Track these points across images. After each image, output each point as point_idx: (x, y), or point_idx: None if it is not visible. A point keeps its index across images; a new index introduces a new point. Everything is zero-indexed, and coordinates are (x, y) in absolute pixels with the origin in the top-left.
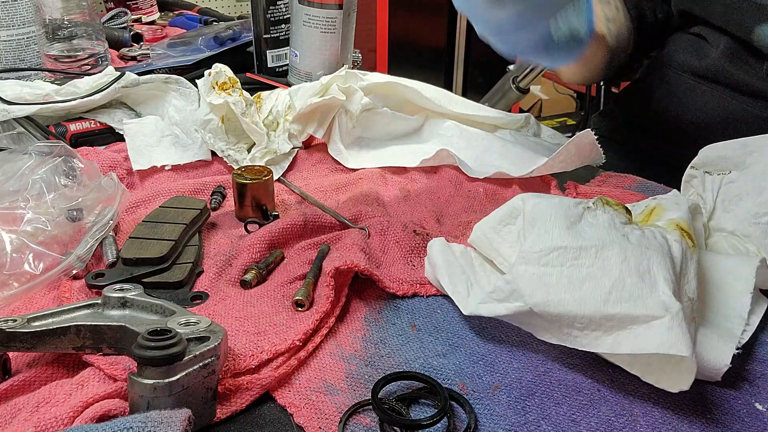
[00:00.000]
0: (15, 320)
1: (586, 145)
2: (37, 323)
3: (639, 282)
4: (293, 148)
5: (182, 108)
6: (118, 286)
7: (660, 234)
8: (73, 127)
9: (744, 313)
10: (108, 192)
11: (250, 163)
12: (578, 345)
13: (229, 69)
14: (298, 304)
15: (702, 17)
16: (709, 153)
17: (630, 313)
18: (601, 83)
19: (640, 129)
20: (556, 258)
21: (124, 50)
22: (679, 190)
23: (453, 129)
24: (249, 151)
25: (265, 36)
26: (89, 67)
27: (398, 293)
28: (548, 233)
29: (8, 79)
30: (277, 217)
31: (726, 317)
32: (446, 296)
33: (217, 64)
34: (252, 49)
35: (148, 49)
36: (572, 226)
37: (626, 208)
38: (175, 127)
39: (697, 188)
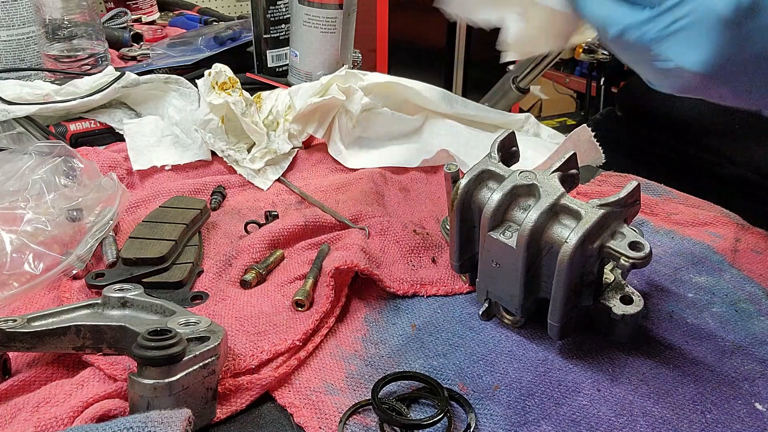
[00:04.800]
0: (15, 320)
1: (584, 142)
2: (37, 323)
3: None
4: (293, 148)
5: (182, 108)
6: (118, 286)
7: None
8: (73, 127)
9: None
10: (108, 192)
11: (250, 164)
12: None
13: (229, 69)
14: (298, 304)
15: None
16: None
17: None
18: (602, 82)
19: (640, 128)
20: None
21: (124, 50)
22: (679, 189)
23: (453, 129)
24: (249, 151)
25: (265, 36)
26: (89, 67)
27: (398, 293)
28: None
29: (8, 79)
30: (276, 217)
31: None
32: (446, 296)
33: (217, 64)
34: (252, 49)
35: (148, 49)
36: None
37: None
38: (175, 127)
39: None
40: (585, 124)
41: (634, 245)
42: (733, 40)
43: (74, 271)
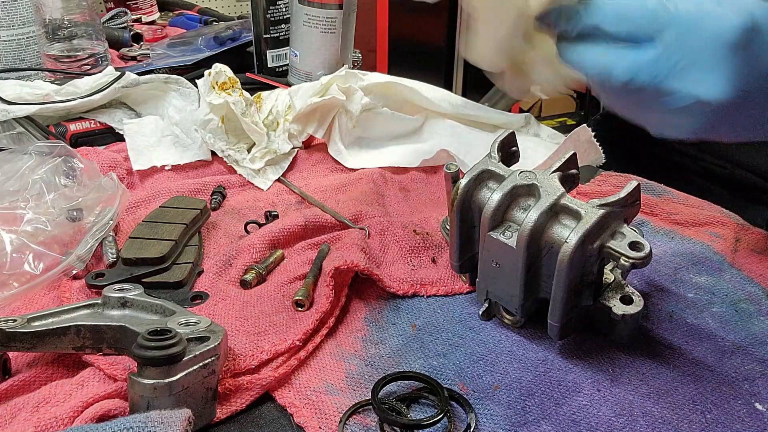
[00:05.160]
0: (15, 320)
1: (584, 142)
2: (37, 323)
3: None
4: (293, 148)
5: (182, 108)
6: (118, 286)
7: None
8: (73, 127)
9: None
10: (108, 192)
11: (250, 164)
12: None
13: (229, 69)
14: (298, 304)
15: None
16: None
17: None
18: None
19: (639, 129)
20: None
21: (124, 50)
22: (679, 189)
23: (453, 129)
24: (249, 151)
25: (265, 36)
26: (89, 67)
27: (398, 293)
28: None
29: (8, 79)
30: (276, 217)
31: None
32: (446, 296)
33: (217, 64)
34: (252, 49)
35: (148, 49)
36: None
37: None
38: (175, 127)
39: None
40: (585, 124)
41: (634, 245)
42: (745, 62)
43: (74, 271)
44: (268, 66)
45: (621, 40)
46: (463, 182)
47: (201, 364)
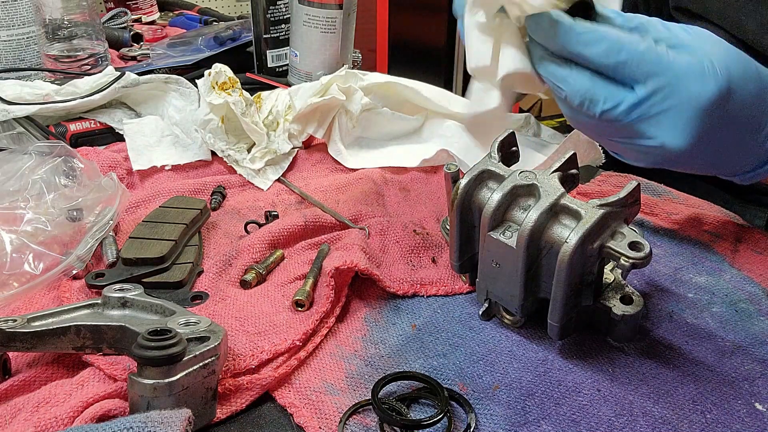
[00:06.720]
0: (15, 320)
1: (584, 142)
2: (37, 323)
3: None
4: (293, 148)
5: (182, 108)
6: (118, 286)
7: None
8: (73, 127)
9: None
10: (108, 192)
11: (250, 164)
12: None
13: (229, 69)
14: (298, 304)
15: (699, 14)
16: None
17: None
18: None
19: None
20: None
21: (124, 50)
22: (679, 189)
23: (453, 129)
24: (249, 151)
25: (265, 36)
26: (89, 67)
27: (398, 293)
28: None
29: (8, 79)
30: (276, 217)
31: None
32: (446, 296)
33: (217, 64)
34: (252, 49)
35: (148, 49)
36: None
37: None
38: (175, 127)
39: None
40: None
41: (634, 245)
42: (711, 121)
43: (74, 271)
44: (268, 66)
45: (605, 74)
46: (463, 182)
47: (201, 364)
